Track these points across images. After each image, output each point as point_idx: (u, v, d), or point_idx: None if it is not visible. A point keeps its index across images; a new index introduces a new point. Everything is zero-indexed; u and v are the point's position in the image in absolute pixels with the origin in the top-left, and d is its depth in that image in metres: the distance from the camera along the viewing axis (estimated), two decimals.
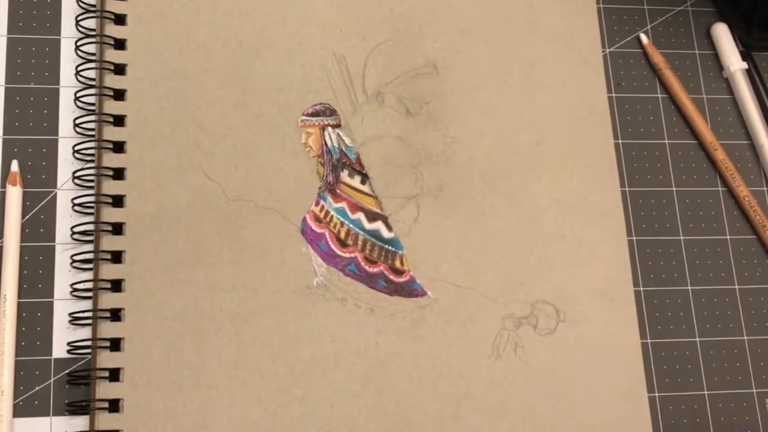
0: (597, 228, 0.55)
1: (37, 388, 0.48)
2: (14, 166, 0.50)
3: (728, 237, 0.59)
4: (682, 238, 0.58)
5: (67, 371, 0.49)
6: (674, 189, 0.59)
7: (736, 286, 0.58)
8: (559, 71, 0.58)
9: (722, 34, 0.62)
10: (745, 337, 0.57)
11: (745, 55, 0.62)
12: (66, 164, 0.51)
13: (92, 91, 0.52)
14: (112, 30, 0.52)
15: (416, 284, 0.52)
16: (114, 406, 0.48)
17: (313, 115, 0.53)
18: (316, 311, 0.50)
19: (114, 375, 0.48)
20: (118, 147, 0.51)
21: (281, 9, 0.55)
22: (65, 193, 0.51)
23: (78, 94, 0.52)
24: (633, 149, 0.59)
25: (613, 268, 0.55)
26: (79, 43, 0.52)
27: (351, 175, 0.53)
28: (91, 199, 0.50)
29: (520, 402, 0.51)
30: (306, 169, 0.52)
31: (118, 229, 0.50)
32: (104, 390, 0.47)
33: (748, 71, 0.62)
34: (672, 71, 0.60)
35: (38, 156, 0.51)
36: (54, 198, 0.51)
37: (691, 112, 0.60)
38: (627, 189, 0.58)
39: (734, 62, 0.62)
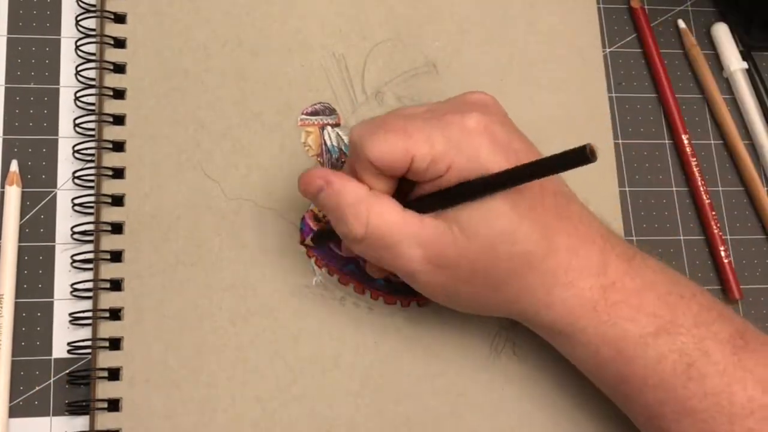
0: None
1: (37, 388, 0.48)
2: (13, 165, 0.50)
3: (728, 237, 0.59)
4: (682, 238, 0.58)
5: (67, 371, 0.48)
6: (674, 189, 0.59)
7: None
8: (559, 71, 0.58)
9: (722, 34, 0.62)
10: None
11: (745, 55, 0.62)
12: (66, 164, 0.51)
13: (92, 91, 0.52)
14: (112, 29, 0.52)
15: None
16: (113, 405, 0.47)
17: (312, 114, 0.54)
18: (314, 310, 0.50)
19: (114, 374, 0.48)
20: (118, 146, 0.51)
21: (281, 8, 0.55)
22: (65, 193, 0.51)
23: (78, 94, 0.52)
24: (633, 149, 0.59)
25: None
26: (79, 43, 0.52)
27: None
28: (91, 199, 0.50)
29: (519, 401, 0.51)
30: (305, 169, 0.52)
31: (117, 228, 0.50)
32: (104, 389, 0.47)
33: (748, 71, 0.62)
34: (703, 58, 0.61)
35: (38, 156, 0.51)
36: (54, 198, 0.51)
37: (719, 103, 0.61)
38: (627, 189, 0.58)
39: (734, 62, 0.62)
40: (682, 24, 0.62)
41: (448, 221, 0.43)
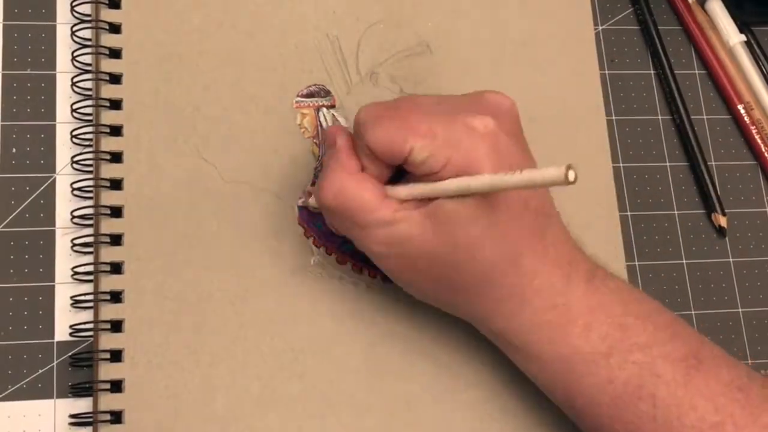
0: (589, 205, 0.55)
1: (40, 371, 0.49)
2: None
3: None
4: (676, 212, 0.58)
5: (69, 354, 0.49)
6: (668, 164, 0.59)
7: (731, 259, 0.58)
8: (552, 49, 0.58)
9: (717, 9, 0.62)
10: (740, 310, 0.57)
11: (742, 28, 0.62)
12: (64, 149, 0.52)
13: (89, 76, 0.52)
14: (107, 14, 0.52)
15: None
16: (116, 386, 0.48)
17: (307, 96, 0.54)
18: (313, 290, 0.51)
19: (116, 356, 0.48)
20: (116, 131, 0.51)
21: None
22: (64, 177, 0.51)
23: (75, 80, 0.52)
24: (626, 125, 0.59)
25: (605, 245, 0.55)
26: (74, 29, 0.52)
27: None
28: (90, 183, 0.50)
29: (519, 375, 0.52)
30: (301, 150, 0.53)
31: (117, 211, 0.50)
32: (106, 371, 0.48)
33: (747, 43, 0.62)
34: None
35: (37, 142, 0.52)
36: (53, 183, 0.51)
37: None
38: (621, 165, 0.58)
39: (733, 36, 0.62)
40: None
41: (425, 214, 0.43)
